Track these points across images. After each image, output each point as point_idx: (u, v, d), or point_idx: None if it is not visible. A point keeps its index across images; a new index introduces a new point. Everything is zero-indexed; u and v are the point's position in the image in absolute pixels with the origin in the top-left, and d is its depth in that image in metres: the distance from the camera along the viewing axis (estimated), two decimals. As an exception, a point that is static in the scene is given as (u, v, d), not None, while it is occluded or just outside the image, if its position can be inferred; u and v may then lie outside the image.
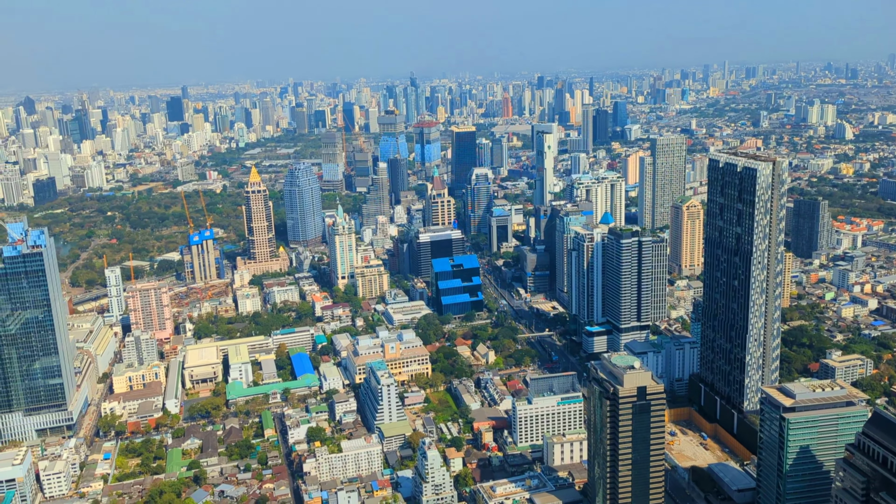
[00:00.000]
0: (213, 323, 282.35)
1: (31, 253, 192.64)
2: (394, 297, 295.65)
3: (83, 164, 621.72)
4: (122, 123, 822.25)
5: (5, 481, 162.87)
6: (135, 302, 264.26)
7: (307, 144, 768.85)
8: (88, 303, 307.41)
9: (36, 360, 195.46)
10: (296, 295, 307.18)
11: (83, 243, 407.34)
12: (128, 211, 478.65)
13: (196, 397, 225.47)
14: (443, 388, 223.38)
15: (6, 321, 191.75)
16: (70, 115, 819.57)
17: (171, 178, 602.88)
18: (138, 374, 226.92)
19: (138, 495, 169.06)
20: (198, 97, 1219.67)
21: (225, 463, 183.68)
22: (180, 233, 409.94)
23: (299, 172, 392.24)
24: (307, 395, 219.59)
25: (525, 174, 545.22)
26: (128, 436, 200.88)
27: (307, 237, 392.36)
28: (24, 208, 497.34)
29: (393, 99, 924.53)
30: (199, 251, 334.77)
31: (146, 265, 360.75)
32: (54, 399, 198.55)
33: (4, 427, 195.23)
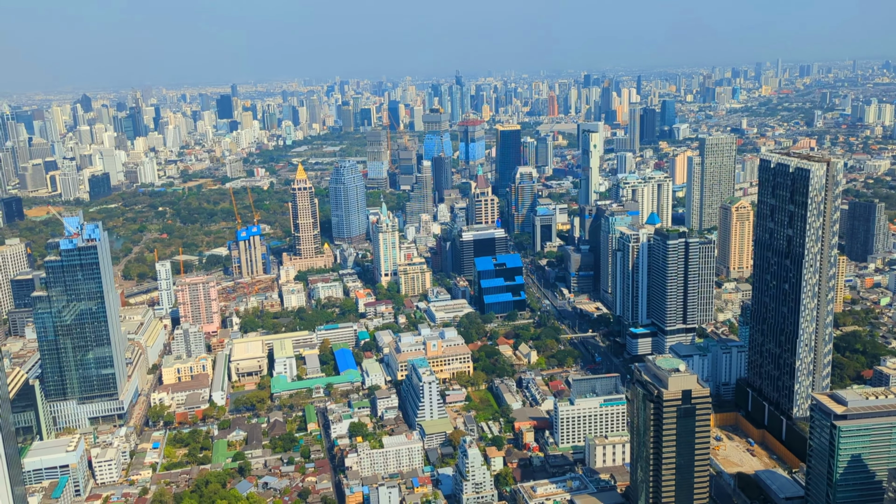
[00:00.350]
0: (258, 317, 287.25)
1: (86, 246, 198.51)
2: (436, 295, 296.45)
3: (136, 160, 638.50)
4: (174, 121, 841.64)
5: (59, 467, 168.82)
6: (184, 295, 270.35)
7: (353, 142, 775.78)
8: (140, 296, 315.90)
9: (89, 350, 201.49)
10: (339, 291, 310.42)
11: (135, 237, 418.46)
12: (178, 206, 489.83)
13: (242, 390, 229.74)
14: (484, 386, 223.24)
15: (62, 312, 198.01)
16: (124, 112, 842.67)
17: (221, 174, 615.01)
18: (186, 366, 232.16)
19: (185, 484, 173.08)
20: (247, 95, 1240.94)
21: (269, 455, 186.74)
22: (228, 228, 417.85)
23: (344, 170, 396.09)
24: (350, 390, 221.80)
25: (570, 173, 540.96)
26: (176, 426, 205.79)
27: (351, 234, 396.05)
28: (79, 203, 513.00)
29: (438, 97, 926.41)
30: (247, 247, 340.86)
31: (195, 260, 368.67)
32: (106, 388, 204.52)
33: (59, 414, 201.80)
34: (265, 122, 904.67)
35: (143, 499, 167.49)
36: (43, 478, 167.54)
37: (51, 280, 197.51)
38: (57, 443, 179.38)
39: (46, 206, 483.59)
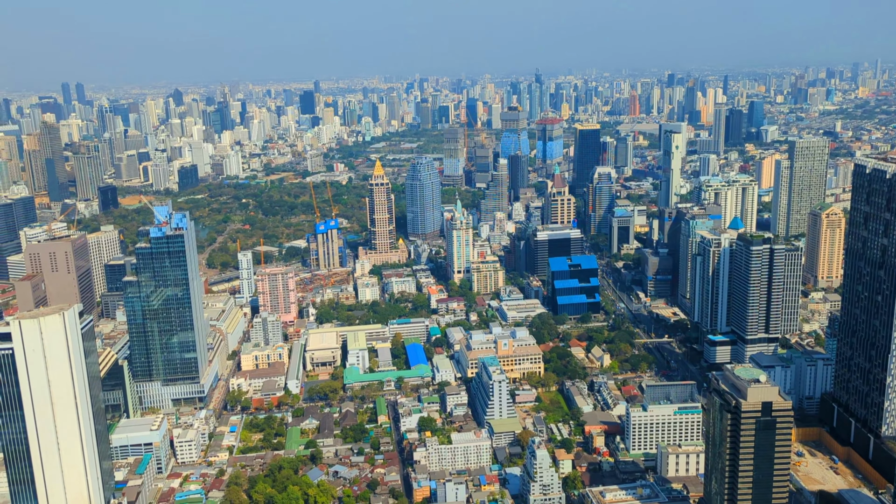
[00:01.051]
0: (334, 309, 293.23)
1: (174, 235, 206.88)
2: (508, 294, 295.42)
3: (222, 153, 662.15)
4: (259, 115, 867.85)
5: (144, 445, 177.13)
6: (263, 285, 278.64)
7: (430, 139, 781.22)
8: (222, 284, 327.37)
9: (174, 334, 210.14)
10: (413, 286, 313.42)
11: (220, 227, 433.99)
12: (261, 199, 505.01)
13: (315, 379, 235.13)
14: (554, 388, 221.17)
15: (150, 297, 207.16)
16: (213, 106, 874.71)
17: (302, 168, 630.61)
18: (264, 353, 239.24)
19: (259, 468, 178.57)
20: (328, 91, 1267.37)
21: (340, 445, 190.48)
22: (307, 221, 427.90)
23: (421, 167, 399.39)
24: (420, 385, 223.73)
25: (650, 174, 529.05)
26: (252, 411, 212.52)
27: (426, 230, 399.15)
28: (169, 193, 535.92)
29: (517, 95, 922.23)
30: (324, 240, 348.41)
31: (275, 251, 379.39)
32: (189, 372, 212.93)
33: (145, 394, 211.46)
34: (346, 118, 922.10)
35: (219, 480, 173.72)
36: (129, 454, 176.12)
37: (141, 266, 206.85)
38: (142, 421, 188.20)
39: (139, 195, 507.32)
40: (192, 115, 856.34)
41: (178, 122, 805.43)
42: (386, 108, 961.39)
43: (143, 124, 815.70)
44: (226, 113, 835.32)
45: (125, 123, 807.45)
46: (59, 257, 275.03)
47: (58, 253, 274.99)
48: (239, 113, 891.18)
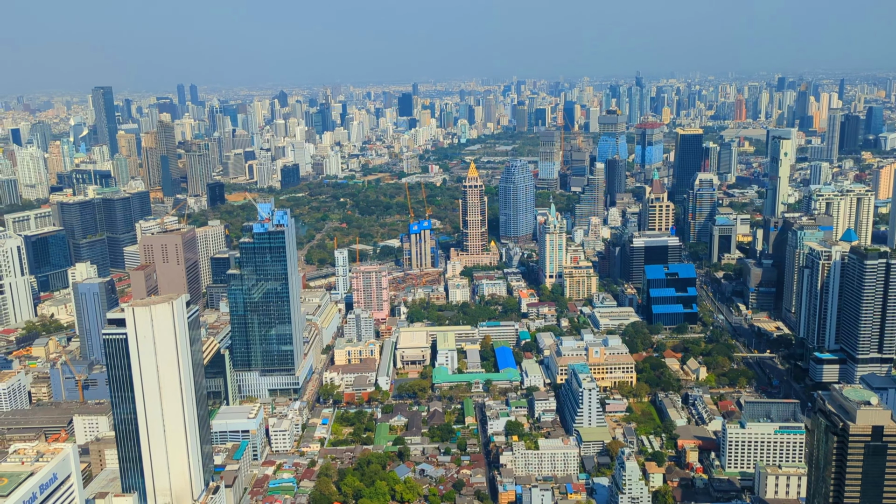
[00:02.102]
0: (424, 308, 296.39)
1: (276, 231, 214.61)
2: (601, 301, 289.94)
3: (323, 153, 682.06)
4: (358, 117, 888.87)
5: (241, 431, 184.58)
6: (358, 282, 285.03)
7: (525, 142, 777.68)
8: (319, 280, 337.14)
9: (273, 327, 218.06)
10: (503, 289, 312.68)
11: (318, 225, 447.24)
12: (358, 198, 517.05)
13: (405, 377, 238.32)
14: (647, 399, 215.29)
15: (251, 290, 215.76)
16: (315, 108, 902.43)
17: (398, 169, 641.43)
18: (356, 349, 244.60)
19: (349, 461, 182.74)
20: (426, 94, 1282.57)
21: (427, 443, 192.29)
22: (402, 221, 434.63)
23: (515, 169, 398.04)
24: (508, 388, 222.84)
25: (755, 182, 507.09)
26: (343, 405, 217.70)
27: (518, 233, 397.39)
28: (272, 191, 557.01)
29: (616, 98, 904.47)
30: (417, 240, 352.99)
31: (370, 249, 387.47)
32: (285, 364, 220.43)
33: (244, 383, 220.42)
34: (442, 120, 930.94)
35: (310, 470, 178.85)
36: (227, 440, 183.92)
37: (243, 260, 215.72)
38: (240, 409, 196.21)
39: (244, 192, 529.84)
40: (295, 116, 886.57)
41: (283, 122, 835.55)
42: (482, 111, 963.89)
43: (250, 124, 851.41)
44: (327, 114, 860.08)
45: (233, 123, 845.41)
46: (169, 249, 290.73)
47: (169, 245, 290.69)
48: (339, 114, 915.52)
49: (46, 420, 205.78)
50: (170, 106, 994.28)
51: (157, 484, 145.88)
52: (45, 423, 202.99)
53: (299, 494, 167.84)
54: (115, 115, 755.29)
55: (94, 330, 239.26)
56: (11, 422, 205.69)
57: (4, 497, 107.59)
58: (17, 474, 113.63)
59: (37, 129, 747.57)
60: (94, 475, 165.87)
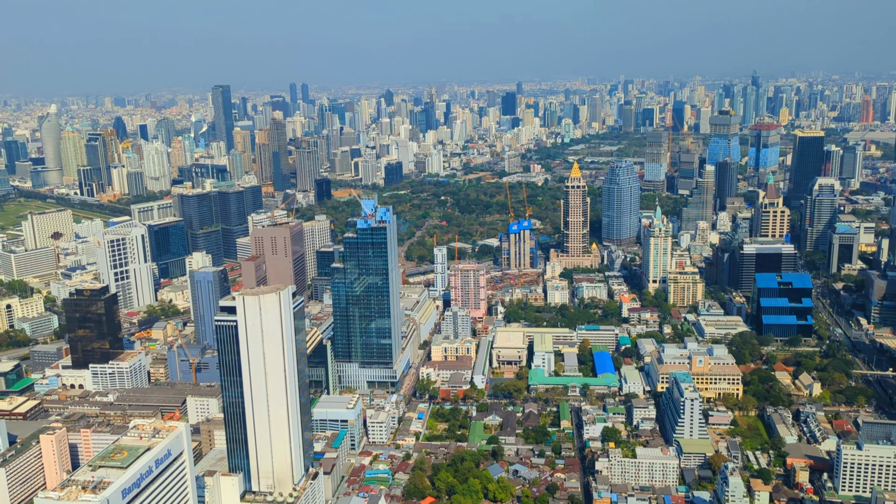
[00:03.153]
0: (522, 309, 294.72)
1: (378, 227, 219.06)
2: (707, 309, 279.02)
3: (426, 151, 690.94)
4: (462, 116, 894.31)
5: (340, 421, 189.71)
6: (456, 280, 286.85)
7: (631, 143, 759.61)
8: (418, 276, 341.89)
9: (373, 320, 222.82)
10: (604, 293, 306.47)
11: (419, 222, 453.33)
12: (458, 196, 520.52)
13: (500, 377, 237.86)
14: (753, 413, 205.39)
15: (354, 284, 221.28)
16: (420, 107, 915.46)
17: (499, 168, 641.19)
18: (453, 346, 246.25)
19: (443, 457, 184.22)
20: (530, 93, 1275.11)
21: (521, 444, 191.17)
22: (501, 221, 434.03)
23: (620, 170, 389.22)
24: (605, 394, 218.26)
25: (882, 188, 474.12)
26: (439, 401, 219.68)
27: (621, 236, 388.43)
28: (375, 188, 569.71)
29: (729, 98, 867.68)
30: (517, 240, 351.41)
31: (469, 248, 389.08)
32: (383, 357, 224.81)
33: (344, 374, 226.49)
34: (545, 119, 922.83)
35: (405, 463, 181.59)
36: (327, 428, 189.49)
37: (347, 254, 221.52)
38: (340, 399, 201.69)
39: (349, 188, 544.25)
40: (400, 114, 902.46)
41: (388, 121, 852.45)
42: (587, 110, 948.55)
43: (357, 122, 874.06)
44: (431, 113, 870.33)
45: (341, 121, 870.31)
46: (278, 242, 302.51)
47: (278, 238, 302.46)
48: (443, 113, 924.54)
49: (163, 399, 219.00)
50: (282, 104, 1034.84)
51: (260, 466, 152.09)
52: (161, 402, 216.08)
53: (394, 486, 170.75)
54: (232, 112, 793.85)
55: (207, 316, 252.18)
56: (132, 399, 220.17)
57: (124, 469, 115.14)
58: (136, 448, 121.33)
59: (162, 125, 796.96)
60: (203, 454, 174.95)
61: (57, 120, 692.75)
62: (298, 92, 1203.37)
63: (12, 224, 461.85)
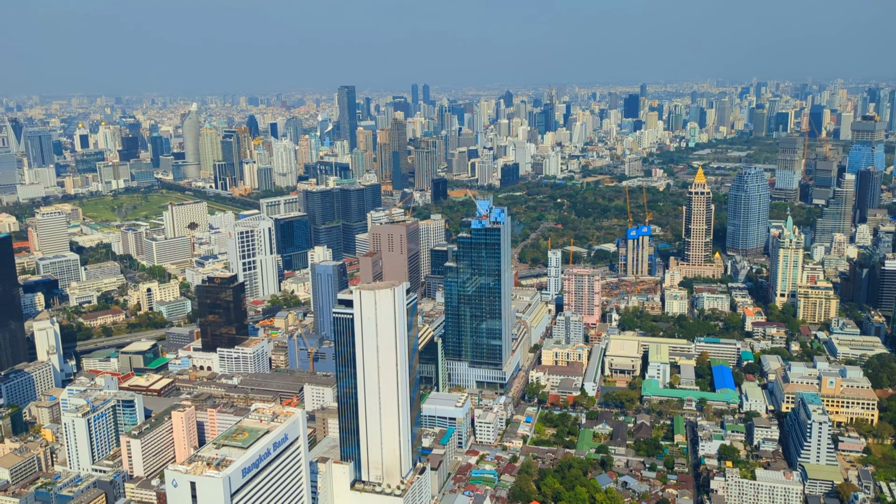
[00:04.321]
0: (637, 317, 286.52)
1: (492, 228, 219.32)
2: (841, 327, 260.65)
3: (543, 153, 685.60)
4: (582, 118, 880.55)
5: (449, 418, 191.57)
6: (569, 285, 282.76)
7: (762, 148, 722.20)
8: (530, 279, 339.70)
9: (484, 320, 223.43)
10: (726, 304, 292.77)
11: (534, 224, 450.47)
12: (575, 200, 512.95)
13: (612, 385, 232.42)
14: (889, 441, 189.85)
15: (466, 283, 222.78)
16: (539, 108, 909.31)
17: (619, 172, 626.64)
18: (564, 351, 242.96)
19: (550, 462, 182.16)
20: (654, 95, 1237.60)
21: (631, 456, 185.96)
22: (619, 225, 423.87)
23: (749, 177, 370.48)
24: (724, 410, 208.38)
25: None
26: (548, 406, 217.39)
27: (747, 246, 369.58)
28: (491, 188, 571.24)
29: (875, 103, 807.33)
30: (634, 246, 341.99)
31: (584, 252, 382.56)
32: (493, 358, 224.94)
33: (453, 372, 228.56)
34: (670, 122, 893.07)
35: (512, 465, 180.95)
36: (435, 424, 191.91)
37: (460, 254, 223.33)
38: (449, 397, 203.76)
39: (465, 188, 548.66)
40: (519, 115, 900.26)
41: (506, 122, 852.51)
42: (714, 114, 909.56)
43: (475, 123, 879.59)
44: (550, 115, 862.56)
45: (460, 122, 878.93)
46: (395, 239, 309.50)
47: (394, 235, 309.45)
48: (563, 115, 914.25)
49: (282, 385, 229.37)
50: (404, 105, 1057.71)
51: (370, 456, 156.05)
52: (280, 388, 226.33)
53: (500, 487, 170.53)
54: (356, 112, 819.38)
55: (326, 308, 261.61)
56: (254, 383, 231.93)
57: (244, 449, 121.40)
58: (256, 430, 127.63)
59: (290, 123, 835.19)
60: (317, 440, 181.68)
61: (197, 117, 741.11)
62: (420, 93, 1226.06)
63: (155, 214, 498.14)
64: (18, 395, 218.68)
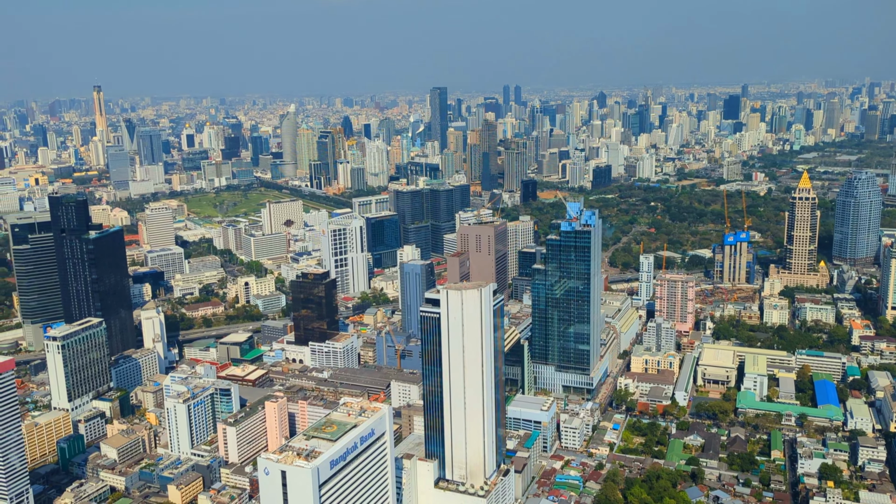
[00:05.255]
0: (733, 326, 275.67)
1: (582, 231, 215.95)
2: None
3: (637, 155, 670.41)
4: (678, 119, 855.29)
5: (534, 422, 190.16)
6: (662, 290, 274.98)
7: (875, 152, 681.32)
8: (621, 283, 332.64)
9: (571, 324, 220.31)
10: (831, 316, 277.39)
11: (625, 228, 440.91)
12: (669, 203, 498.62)
13: (705, 396, 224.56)
14: None
15: (554, 286, 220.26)
16: (633, 109, 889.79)
17: (716, 175, 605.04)
18: (655, 358, 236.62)
19: (637, 472, 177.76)
20: (757, 96, 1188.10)
21: (724, 470, 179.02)
22: (715, 231, 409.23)
23: (859, 182, 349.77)
24: (826, 427, 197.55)
25: None
26: (636, 414, 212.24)
27: (856, 255, 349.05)
28: (582, 190, 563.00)
29: None
30: (732, 252, 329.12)
31: (678, 257, 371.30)
32: (580, 363, 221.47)
33: (539, 376, 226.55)
34: (773, 124, 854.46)
35: (597, 472, 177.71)
36: (520, 427, 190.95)
37: (549, 256, 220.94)
38: (534, 400, 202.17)
39: (555, 190, 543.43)
40: (612, 117, 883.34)
41: (599, 123, 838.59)
42: (822, 116, 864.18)
43: (567, 124, 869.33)
44: (645, 116, 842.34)
45: (552, 123, 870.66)
46: (482, 240, 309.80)
47: (482, 236, 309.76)
48: (658, 116, 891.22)
49: (369, 381, 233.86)
50: (495, 106, 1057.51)
51: (454, 455, 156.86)
52: (368, 384, 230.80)
53: (584, 494, 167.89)
54: (447, 113, 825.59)
55: (413, 306, 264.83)
56: (343, 377, 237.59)
57: (333, 441, 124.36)
58: (345, 424, 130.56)
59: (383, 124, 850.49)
60: (403, 437, 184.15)
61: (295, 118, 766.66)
62: (511, 93, 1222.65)
63: (253, 211, 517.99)
64: (127, 379, 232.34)
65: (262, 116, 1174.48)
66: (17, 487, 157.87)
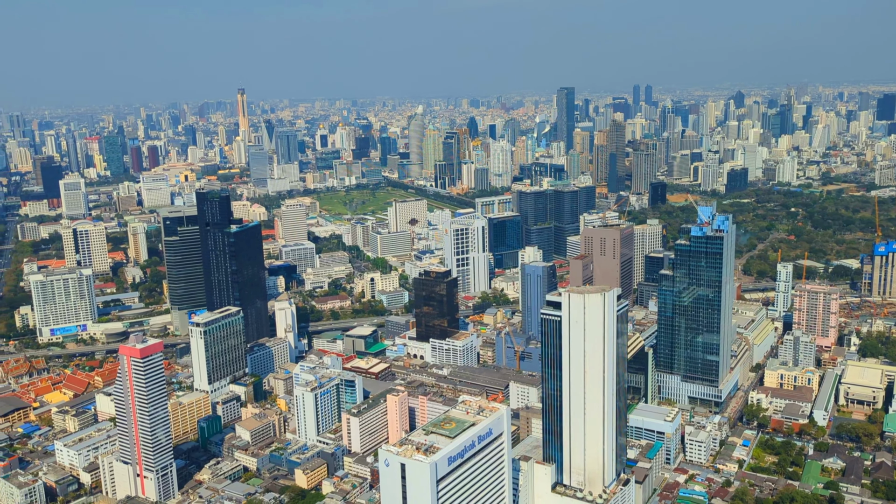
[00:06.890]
0: (882, 343, 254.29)
1: (714, 236, 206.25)
2: None
3: (777, 158, 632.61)
4: (825, 120, 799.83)
5: (657, 432, 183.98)
6: (801, 302, 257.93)
7: None
8: (755, 293, 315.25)
9: (700, 333, 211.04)
10: None
11: (762, 234, 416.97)
12: (812, 209, 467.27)
13: (847, 416, 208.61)
14: None
15: (682, 293, 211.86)
16: (774, 109, 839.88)
17: (867, 180, 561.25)
18: (791, 374, 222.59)
19: (769, 492, 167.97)
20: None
21: (867, 497, 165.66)
22: (864, 240, 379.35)
23: None
24: None
25: None
26: (769, 431, 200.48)
27: None
28: (715, 194, 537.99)
29: None
30: (883, 263, 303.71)
31: (820, 267, 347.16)
32: (708, 374, 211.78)
33: (664, 385, 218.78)
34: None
35: (724, 490, 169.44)
36: (642, 437, 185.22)
37: (677, 262, 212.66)
38: (658, 410, 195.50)
39: (686, 193, 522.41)
40: (750, 117, 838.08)
41: (736, 124, 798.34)
42: None
43: (701, 125, 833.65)
44: (787, 116, 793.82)
45: (684, 124, 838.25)
46: (607, 243, 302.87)
47: (607, 239, 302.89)
48: (802, 117, 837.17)
49: (488, 380, 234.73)
50: (624, 106, 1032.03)
51: (573, 461, 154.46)
52: (486, 383, 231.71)
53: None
54: (574, 113, 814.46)
55: (534, 308, 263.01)
56: (462, 375, 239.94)
57: (451, 438, 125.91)
58: (463, 422, 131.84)
59: (509, 125, 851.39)
60: (520, 439, 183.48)
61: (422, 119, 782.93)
62: (641, 93, 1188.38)
63: (380, 209, 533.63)
64: (260, 366, 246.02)
65: (391, 117, 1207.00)
66: (162, 460, 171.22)
